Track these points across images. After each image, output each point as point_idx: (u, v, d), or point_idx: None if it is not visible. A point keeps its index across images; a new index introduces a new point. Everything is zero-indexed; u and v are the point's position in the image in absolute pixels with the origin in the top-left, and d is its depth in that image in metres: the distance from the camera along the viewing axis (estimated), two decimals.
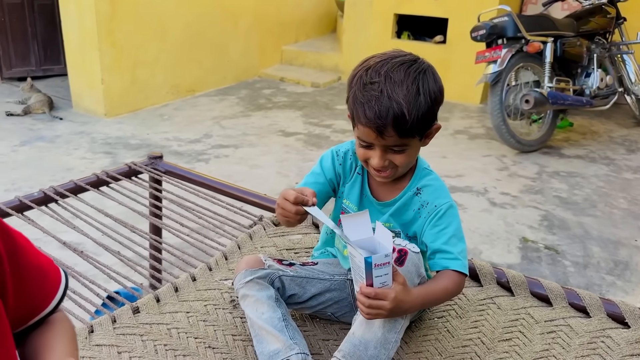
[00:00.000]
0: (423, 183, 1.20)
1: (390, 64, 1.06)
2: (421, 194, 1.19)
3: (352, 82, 1.09)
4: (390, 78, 1.03)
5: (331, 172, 1.26)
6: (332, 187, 1.27)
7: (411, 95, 1.03)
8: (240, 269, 1.23)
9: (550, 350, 1.20)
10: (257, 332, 1.16)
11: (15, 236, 0.64)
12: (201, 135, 4.36)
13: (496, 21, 3.75)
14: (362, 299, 0.99)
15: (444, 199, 1.17)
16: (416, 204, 1.19)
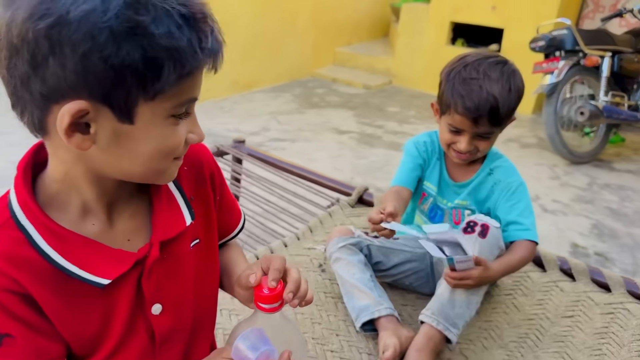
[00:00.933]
0: (495, 164, 1.36)
1: (486, 63, 1.22)
2: (494, 174, 1.35)
3: (450, 76, 1.26)
4: (487, 75, 1.20)
5: (418, 158, 1.43)
6: (421, 170, 1.44)
7: (505, 91, 1.20)
8: (334, 236, 1.41)
9: (609, 328, 1.34)
10: (348, 290, 1.33)
11: (222, 175, 0.83)
12: (259, 129, 4.58)
13: (555, 33, 3.83)
14: (449, 279, 1.16)
15: (515, 177, 1.33)
16: (490, 183, 1.35)
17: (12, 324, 0.62)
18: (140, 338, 0.71)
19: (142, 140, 0.61)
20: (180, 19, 0.56)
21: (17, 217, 0.62)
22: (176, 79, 0.57)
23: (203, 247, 0.77)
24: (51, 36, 0.52)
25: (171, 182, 0.73)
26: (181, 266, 0.73)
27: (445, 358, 1.25)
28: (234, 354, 0.67)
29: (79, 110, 0.56)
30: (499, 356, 1.26)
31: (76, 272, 0.63)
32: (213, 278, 0.81)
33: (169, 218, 0.71)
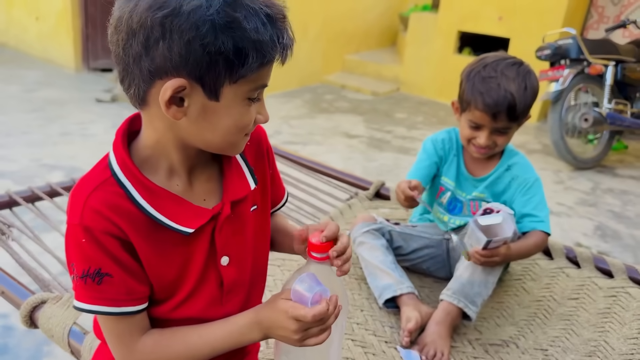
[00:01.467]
0: (513, 161, 1.48)
1: (504, 63, 1.35)
2: (512, 170, 1.47)
3: (470, 76, 1.39)
4: (505, 75, 1.33)
5: (435, 156, 1.55)
6: (436, 167, 1.56)
7: (521, 90, 1.32)
8: (358, 222, 1.53)
9: (611, 308, 1.45)
10: (372, 271, 1.45)
11: (273, 152, 0.96)
12: (272, 132, 4.71)
13: (561, 43, 3.97)
14: (478, 256, 1.28)
15: (531, 173, 1.46)
16: (507, 178, 1.47)
17: (112, 265, 0.74)
18: (210, 285, 0.84)
19: (224, 115, 0.73)
20: (265, 17, 0.68)
21: (117, 175, 0.75)
22: (257, 67, 0.69)
23: (260, 212, 0.90)
24: (164, 24, 0.65)
25: (238, 155, 0.86)
26: (244, 226, 0.86)
27: (461, 332, 1.36)
28: (293, 295, 0.79)
29: (179, 86, 0.68)
30: (511, 332, 1.37)
31: (166, 222, 0.76)
32: (266, 239, 0.94)
33: (237, 182, 0.84)
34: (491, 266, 1.33)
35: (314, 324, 0.77)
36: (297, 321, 0.77)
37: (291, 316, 0.77)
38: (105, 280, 0.74)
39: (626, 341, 1.33)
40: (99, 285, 0.74)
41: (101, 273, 0.74)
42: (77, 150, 3.86)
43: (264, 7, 0.69)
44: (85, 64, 6.13)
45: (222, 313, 0.85)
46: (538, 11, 5.09)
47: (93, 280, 0.74)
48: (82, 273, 0.74)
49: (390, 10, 7.37)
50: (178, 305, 0.83)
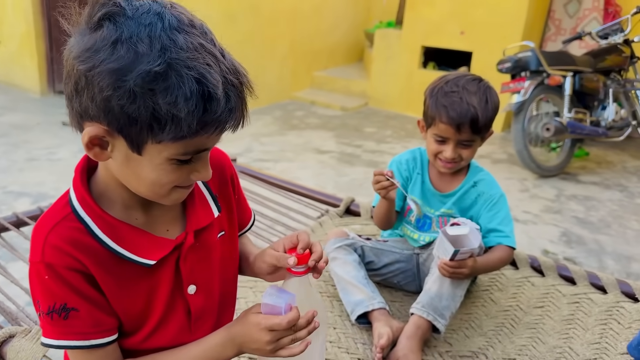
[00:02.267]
0: (478, 177, 1.53)
1: (464, 79, 1.41)
2: (477, 186, 1.52)
3: (433, 92, 1.43)
4: (466, 89, 1.39)
5: (399, 178, 1.59)
6: (404, 189, 1.60)
7: (482, 103, 1.38)
8: (330, 237, 1.56)
9: (575, 315, 1.50)
10: (344, 286, 1.47)
11: (237, 177, 0.98)
12: (243, 150, 4.72)
13: (520, 55, 4.10)
14: (446, 267, 1.31)
15: (496, 189, 1.51)
16: (474, 194, 1.52)
17: (77, 299, 0.75)
18: (178, 315, 0.85)
19: (147, 170, 0.72)
20: (197, 91, 0.64)
21: (77, 210, 0.76)
22: (173, 139, 0.67)
23: (227, 238, 0.92)
24: (87, 76, 0.66)
25: (200, 181, 0.87)
26: (210, 253, 0.88)
27: (431, 345, 1.39)
28: (263, 309, 0.81)
29: (95, 134, 0.69)
30: (479, 342, 1.41)
31: (127, 255, 0.77)
32: (234, 265, 0.96)
33: (200, 211, 0.86)
34: (459, 279, 1.37)
35: (287, 332, 0.80)
36: (271, 331, 0.80)
37: (264, 327, 0.80)
38: (71, 315, 0.75)
39: (589, 346, 1.38)
40: (65, 320, 0.75)
41: (67, 308, 0.75)
42: (45, 176, 3.80)
43: (203, 78, 0.65)
44: (51, 87, 6.05)
45: (192, 341, 0.86)
46: (498, 25, 5.25)
47: (59, 316, 0.75)
48: (48, 309, 0.75)
49: (355, 27, 7.50)
50: (147, 337, 0.84)
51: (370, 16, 7.60)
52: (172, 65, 0.63)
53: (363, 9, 7.55)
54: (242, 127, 0.73)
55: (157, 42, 0.64)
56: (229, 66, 0.68)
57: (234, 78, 0.68)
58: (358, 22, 7.52)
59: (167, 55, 0.63)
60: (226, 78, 0.67)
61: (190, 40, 0.66)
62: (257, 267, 0.95)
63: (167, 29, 0.65)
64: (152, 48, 0.63)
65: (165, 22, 0.65)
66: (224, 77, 0.67)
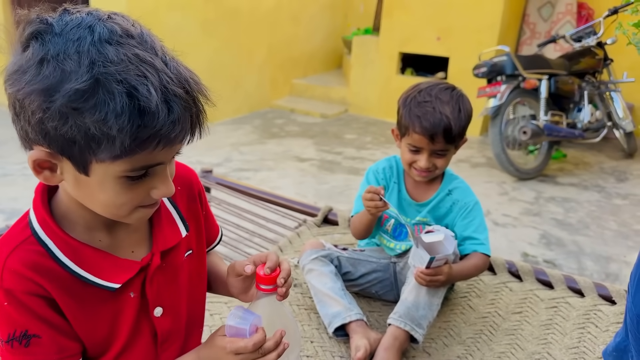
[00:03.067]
0: (453, 186, 1.53)
1: (437, 88, 1.40)
2: (452, 194, 1.51)
3: (406, 102, 1.43)
4: (439, 99, 1.38)
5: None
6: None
7: (455, 112, 1.37)
8: (306, 249, 1.54)
9: (553, 319, 1.50)
10: (321, 299, 1.45)
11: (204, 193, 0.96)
12: (222, 160, 4.68)
13: (496, 60, 4.14)
14: (423, 276, 1.30)
15: (471, 197, 1.50)
16: (449, 202, 1.51)
17: (38, 325, 0.72)
18: (144, 338, 0.82)
19: (97, 190, 0.68)
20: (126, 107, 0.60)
21: (37, 233, 0.73)
22: (113, 158, 0.63)
23: (195, 257, 0.89)
24: (18, 100, 0.63)
25: (167, 200, 0.85)
26: (177, 274, 0.85)
27: (410, 356, 1.37)
28: (228, 331, 0.78)
29: (37, 158, 0.66)
30: (458, 351, 1.40)
31: (90, 278, 0.74)
32: (202, 285, 0.93)
33: (167, 231, 0.83)
34: (435, 287, 1.35)
35: (254, 355, 0.77)
36: (237, 355, 0.77)
37: (230, 351, 0.77)
38: (33, 342, 0.72)
39: (568, 351, 1.37)
40: (26, 347, 0.72)
41: (28, 335, 0.72)
42: (19, 192, 3.72)
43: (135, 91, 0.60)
44: None
45: None
46: (474, 30, 5.30)
47: (20, 344, 0.72)
48: (8, 337, 0.71)
49: (333, 34, 7.52)
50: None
51: (347, 23, 7.63)
52: (100, 81, 0.60)
53: (340, 16, 7.58)
54: (198, 137, 0.69)
55: (86, 57, 0.60)
56: (173, 75, 0.64)
57: (178, 87, 0.63)
58: (336, 29, 7.54)
59: (95, 71, 0.60)
60: (167, 88, 0.62)
61: (123, 51, 0.61)
62: (230, 284, 0.93)
63: (96, 42, 0.61)
64: (80, 64, 0.60)
65: (95, 35, 0.61)
66: (164, 87, 0.62)
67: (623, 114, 4.64)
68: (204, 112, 0.69)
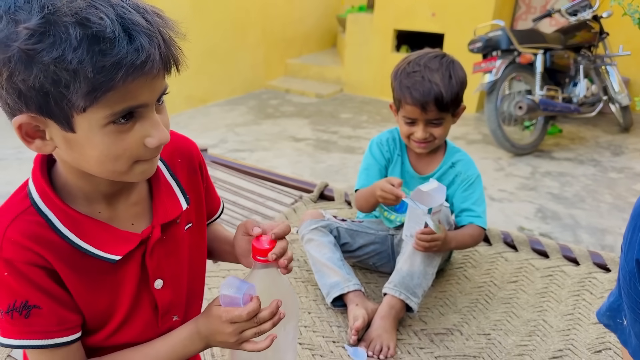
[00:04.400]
0: (456, 158, 1.53)
1: (426, 57, 1.39)
2: (455, 167, 1.51)
3: (397, 74, 1.42)
4: (428, 67, 1.37)
5: (382, 159, 1.57)
6: (385, 170, 1.58)
7: (446, 79, 1.36)
8: (306, 219, 1.54)
9: (548, 288, 1.51)
10: (320, 269, 1.46)
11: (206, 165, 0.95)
12: (218, 141, 4.67)
13: (491, 35, 4.11)
14: (423, 237, 1.30)
15: (474, 170, 1.50)
16: (452, 175, 1.51)
17: (39, 296, 0.71)
18: (145, 310, 0.82)
19: (88, 147, 0.66)
20: (81, 37, 0.58)
21: (37, 204, 0.72)
22: (84, 97, 0.60)
23: (195, 230, 0.89)
24: None
25: (167, 172, 0.84)
26: (178, 246, 0.85)
27: (406, 324, 1.39)
28: (222, 301, 0.78)
29: (21, 123, 0.64)
30: (454, 319, 1.41)
31: (91, 250, 0.74)
32: (202, 257, 0.93)
33: (167, 203, 0.82)
34: (433, 251, 1.35)
35: (249, 324, 0.78)
36: (232, 324, 0.77)
37: (226, 320, 0.78)
38: (33, 313, 0.72)
39: (563, 318, 1.39)
40: (27, 318, 0.72)
41: (28, 305, 0.71)
42: (13, 175, 3.71)
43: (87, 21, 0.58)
44: None
45: (159, 335, 0.84)
46: (469, 5, 5.25)
47: (20, 314, 0.71)
48: (8, 308, 0.71)
49: (327, 12, 7.45)
50: (113, 333, 0.81)
51: (341, 0, 7.55)
52: (50, 20, 0.58)
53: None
54: (175, 70, 0.67)
55: (36, 4, 0.59)
56: (128, 5, 0.62)
57: (136, 17, 0.61)
58: (330, 7, 7.47)
59: (44, 12, 0.58)
60: (124, 17, 0.60)
61: None
62: (236, 243, 0.92)
63: None
64: (31, 12, 0.59)
65: None
66: (120, 17, 0.60)
67: (619, 87, 4.62)
68: (174, 42, 0.67)
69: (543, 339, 1.32)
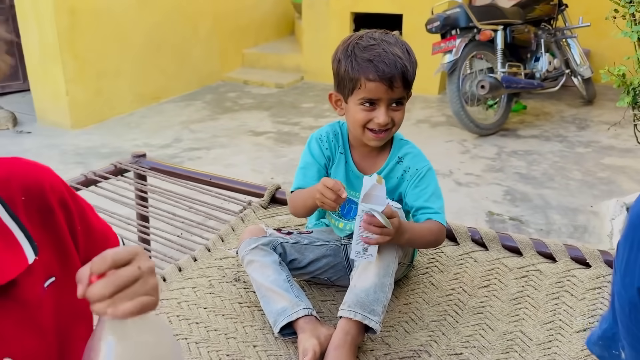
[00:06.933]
0: (403, 152, 1.34)
1: (378, 32, 1.23)
2: (403, 161, 1.33)
3: (348, 51, 1.22)
4: (385, 41, 1.20)
5: (322, 158, 1.38)
6: (325, 171, 1.39)
7: (405, 53, 1.20)
8: (245, 237, 1.34)
9: (524, 292, 1.36)
10: (265, 294, 1.27)
11: (82, 200, 0.74)
12: (171, 140, 4.42)
13: (449, 13, 3.95)
14: (372, 228, 1.11)
15: (423, 162, 1.32)
16: (399, 171, 1.33)
17: None
18: None
19: None
20: None
21: None
22: None
23: (62, 285, 0.68)
24: None
25: (7, 215, 0.63)
26: (33, 310, 0.64)
27: (367, 349, 1.21)
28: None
29: None
30: (421, 338, 1.24)
31: None
32: (82, 318, 0.72)
33: (4, 258, 0.61)
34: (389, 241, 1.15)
35: None
36: None
37: None
38: None
39: (542, 327, 1.23)
40: None
41: None
42: None
43: None
44: None
45: None
46: None
47: None
48: None
49: None
50: None
51: None
52: None
53: None
54: None
55: None
56: None
57: None
58: None
59: None
60: None
61: None
62: None
63: None
64: None
65: None
66: None
67: (580, 60, 4.54)
68: None
69: (522, 355, 1.16)
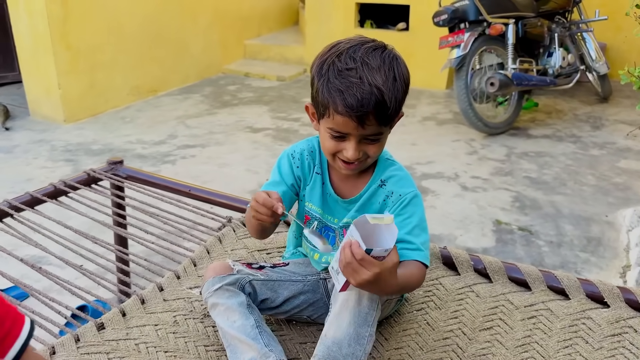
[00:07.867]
0: (387, 174, 1.16)
1: (363, 49, 1.01)
2: (386, 185, 1.15)
3: (322, 70, 1.03)
4: (367, 64, 0.99)
5: (291, 178, 1.21)
6: (294, 191, 1.21)
7: (389, 81, 0.99)
8: (208, 277, 1.17)
9: (532, 337, 1.18)
10: (230, 342, 1.10)
11: None
12: (166, 136, 4.25)
13: (457, 5, 3.73)
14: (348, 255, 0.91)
15: (408, 187, 1.13)
16: (381, 196, 1.15)
17: None
18: None
19: None
20: None
21: None
22: None
23: None
24: None
25: None
26: None
27: None
28: None
29: None
30: None
31: None
32: None
33: None
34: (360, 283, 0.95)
35: None
36: None
37: None
38: None
39: None
40: None
41: None
42: None
43: None
44: None
45: None
46: None
47: None
48: None
49: None
50: None
51: None
52: None
53: None
54: None
55: None
56: None
57: None
58: None
59: None
60: None
61: None
62: None
63: None
64: None
65: None
66: None
67: (596, 55, 4.31)
68: None
69: None
